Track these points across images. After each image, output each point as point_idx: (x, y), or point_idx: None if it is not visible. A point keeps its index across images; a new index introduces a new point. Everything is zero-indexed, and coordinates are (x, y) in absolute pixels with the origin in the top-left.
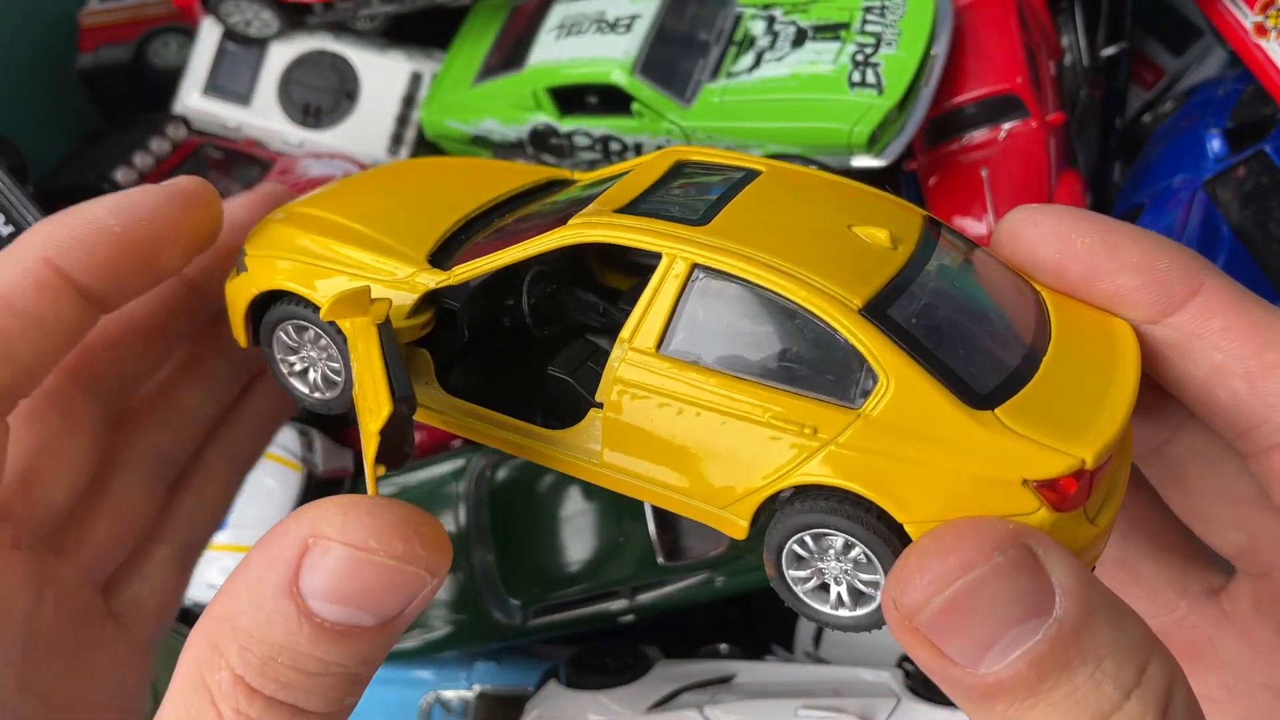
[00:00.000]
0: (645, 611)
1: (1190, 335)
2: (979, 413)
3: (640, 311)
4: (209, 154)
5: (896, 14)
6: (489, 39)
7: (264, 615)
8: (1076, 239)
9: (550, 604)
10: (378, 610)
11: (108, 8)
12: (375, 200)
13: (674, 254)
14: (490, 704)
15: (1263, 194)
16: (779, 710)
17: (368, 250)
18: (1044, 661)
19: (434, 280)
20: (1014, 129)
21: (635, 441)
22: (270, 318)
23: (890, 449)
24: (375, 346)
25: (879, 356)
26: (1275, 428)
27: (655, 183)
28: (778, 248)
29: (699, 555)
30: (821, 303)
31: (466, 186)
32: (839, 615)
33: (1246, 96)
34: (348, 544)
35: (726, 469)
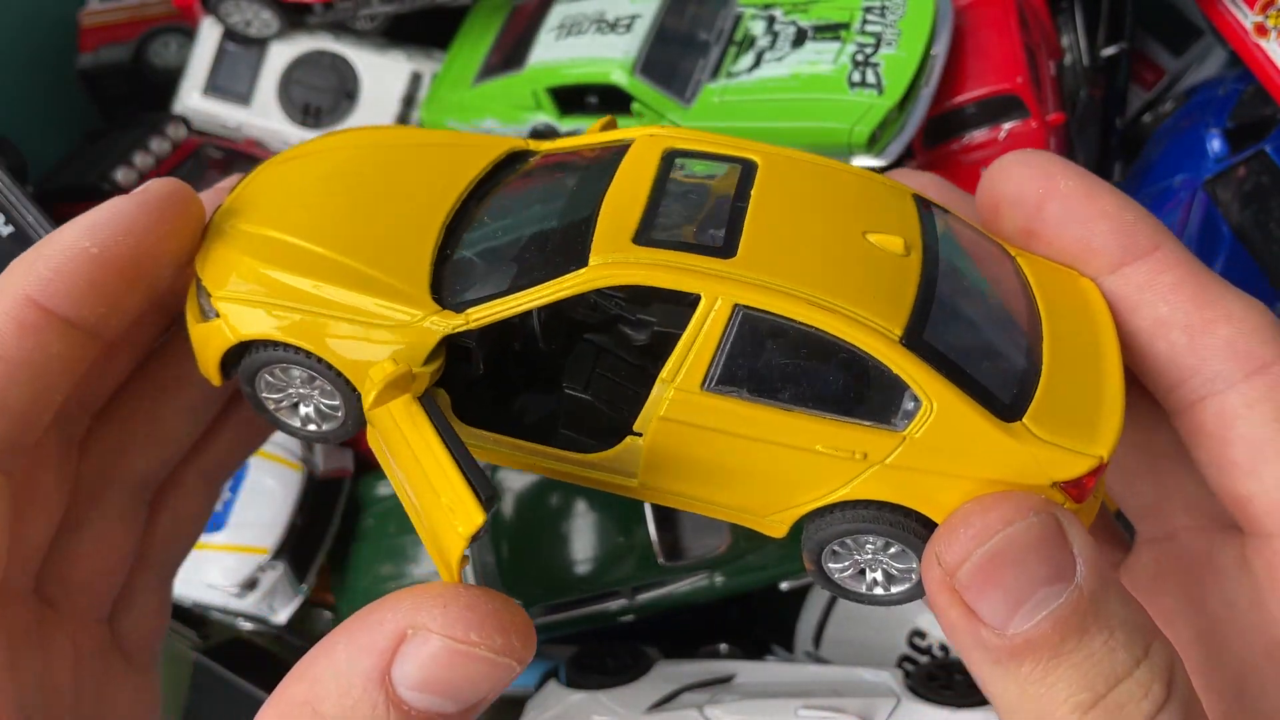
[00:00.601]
0: (645, 611)
1: (1142, 286)
2: (1010, 425)
3: (682, 353)
4: (209, 154)
5: (896, 14)
6: (489, 39)
7: (350, 702)
8: (1060, 180)
9: (550, 604)
10: (464, 699)
11: (108, 8)
12: (328, 207)
13: (716, 295)
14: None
15: (1263, 194)
16: (779, 710)
17: (360, 290)
18: (1066, 624)
19: (450, 325)
20: (1014, 129)
21: (678, 468)
22: (254, 361)
23: (933, 465)
24: (430, 434)
25: (921, 383)
26: (1205, 380)
27: (654, 186)
28: (810, 276)
29: (699, 555)
30: (865, 337)
31: (422, 176)
32: (875, 594)
33: (1246, 96)
34: (449, 637)
35: (773, 489)
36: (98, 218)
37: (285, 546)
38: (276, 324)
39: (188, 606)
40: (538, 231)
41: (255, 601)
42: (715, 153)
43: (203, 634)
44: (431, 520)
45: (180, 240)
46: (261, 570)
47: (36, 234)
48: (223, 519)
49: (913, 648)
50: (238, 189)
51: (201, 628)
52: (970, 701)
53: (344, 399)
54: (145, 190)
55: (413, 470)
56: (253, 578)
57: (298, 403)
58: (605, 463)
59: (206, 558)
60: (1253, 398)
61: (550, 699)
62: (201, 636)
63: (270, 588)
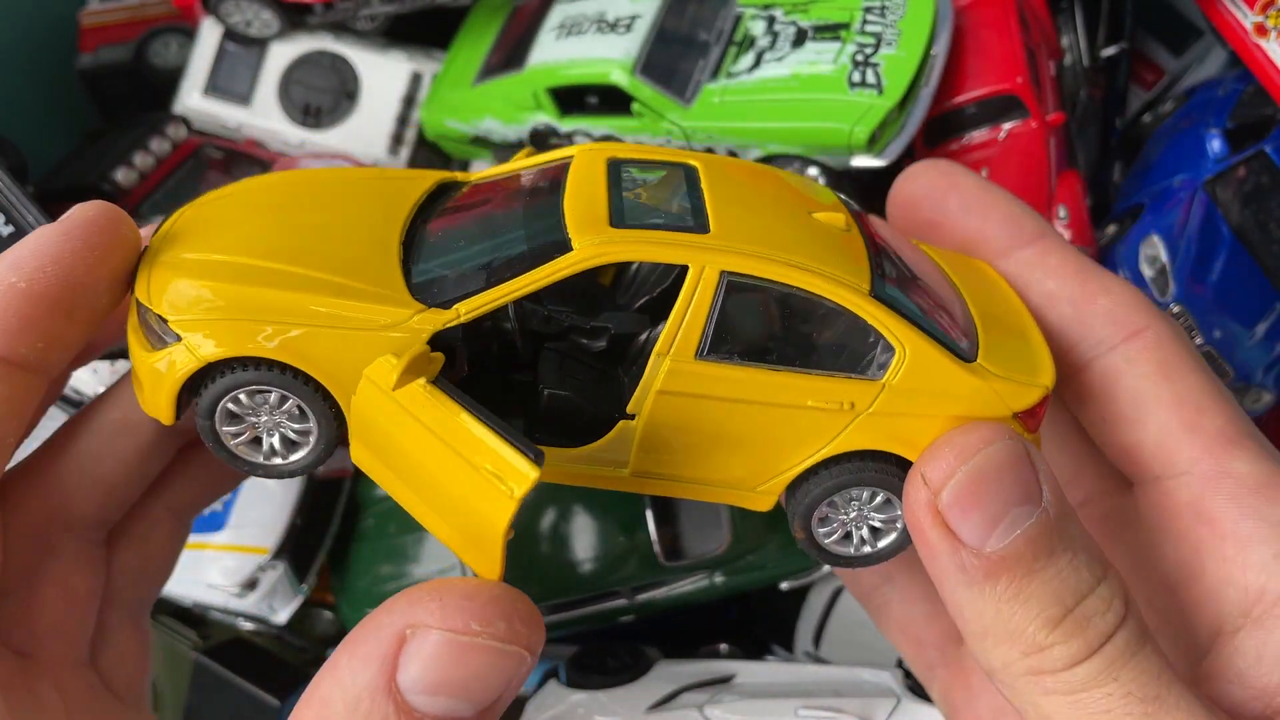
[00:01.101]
0: (645, 611)
1: (1031, 267)
2: (971, 365)
3: (674, 324)
4: (209, 154)
5: (896, 14)
6: (489, 39)
7: (360, 714)
8: (960, 179)
9: (550, 604)
10: (478, 698)
11: (108, 8)
12: (274, 231)
13: (703, 263)
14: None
15: (1263, 194)
16: (779, 710)
17: (340, 297)
18: (1037, 542)
19: (441, 321)
20: (1014, 129)
21: (672, 444)
22: (217, 388)
23: (909, 408)
24: (456, 409)
25: (895, 331)
26: (1090, 345)
27: (608, 185)
28: (780, 244)
29: (699, 555)
30: (841, 291)
31: (359, 203)
32: (864, 553)
33: (1246, 96)
34: (448, 629)
35: (765, 454)
36: (21, 251)
37: (285, 546)
38: (253, 340)
39: (188, 606)
40: (504, 236)
41: (255, 601)
42: (655, 159)
43: (203, 634)
44: (467, 502)
45: (113, 265)
46: (262, 570)
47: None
48: (223, 519)
49: None
50: (161, 229)
51: (201, 628)
52: None
53: (318, 420)
54: (68, 217)
55: (438, 454)
56: (253, 578)
57: (259, 436)
58: (597, 453)
59: (206, 558)
60: (1132, 355)
61: (550, 699)
62: (201, 636)
63: (270, 588)
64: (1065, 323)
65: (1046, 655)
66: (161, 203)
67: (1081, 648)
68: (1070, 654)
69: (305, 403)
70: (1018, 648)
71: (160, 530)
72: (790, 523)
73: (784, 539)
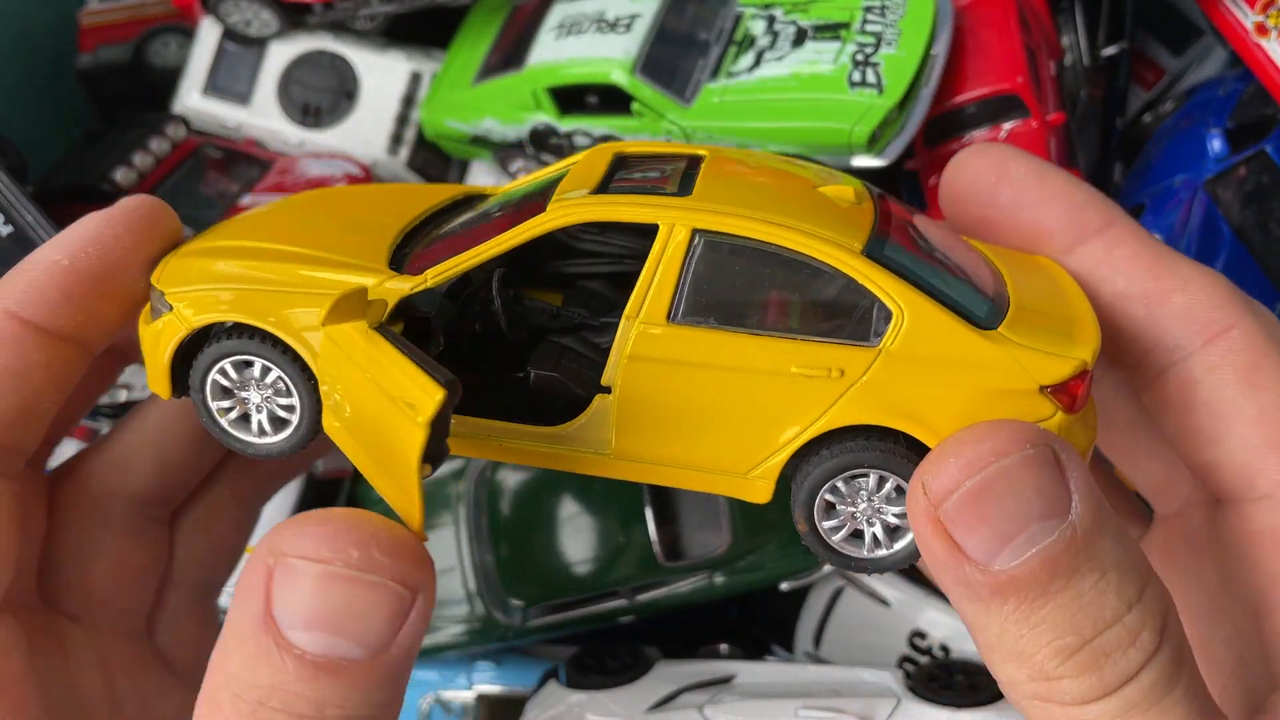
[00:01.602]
0: (645, 611)
1: (1099, 263)
2: (987, 331)
3: (644, 286)
4: (208, 154)
5: (897, 14)
6: (489, 39)
7: (248, 655)
8: (1012, 168)
9: (550, 604)
10: (360, 637)
11: (107, 8)
12: (291, 226)
13: (671, 221)
14: (490, 704)
15: (1263, 194)
16: (779, 710)
17: (321, 268)
18: (1056, 562)
19: (408, 285)
20: (1014, 129)
21: (651, 419)
22: (204, 358)
23: (913, 378)
24: (385, 345)
25: (890, 291)
26: (1166, 350)
27: (606, 172)
28: (766, 207)
29: (699, 555)
30: (826, 248)
31: (380, 208)
32: (877, 556)
33: (1247, 96)
34: (303, 557)
35: (752, 430)
36: (70, 233)
37: None
38: (232, 303)
39: None
40: (494, 219)
41: None
42: (663, 152)
43: None
44: (388, 439)
45: (151, 250)
46: None
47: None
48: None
49: (913, 648)
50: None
51: None
52: (970, 701)
53: (300, 395)
54: (119, 204)
55: (364, 391)
56: None
57: (248, 414)
58: (575, 432)
59: None
60: (1212, 363)
61: (550, 699)
62: None
63: None
64: (1138, 325)
65: (1055, 686)
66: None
67: (1095, 685)
68: (1082, 690)
69: (284, 372)
70: (1024, 671)
71: (225, 516)
72: (793, 513)
73: (784, 540)
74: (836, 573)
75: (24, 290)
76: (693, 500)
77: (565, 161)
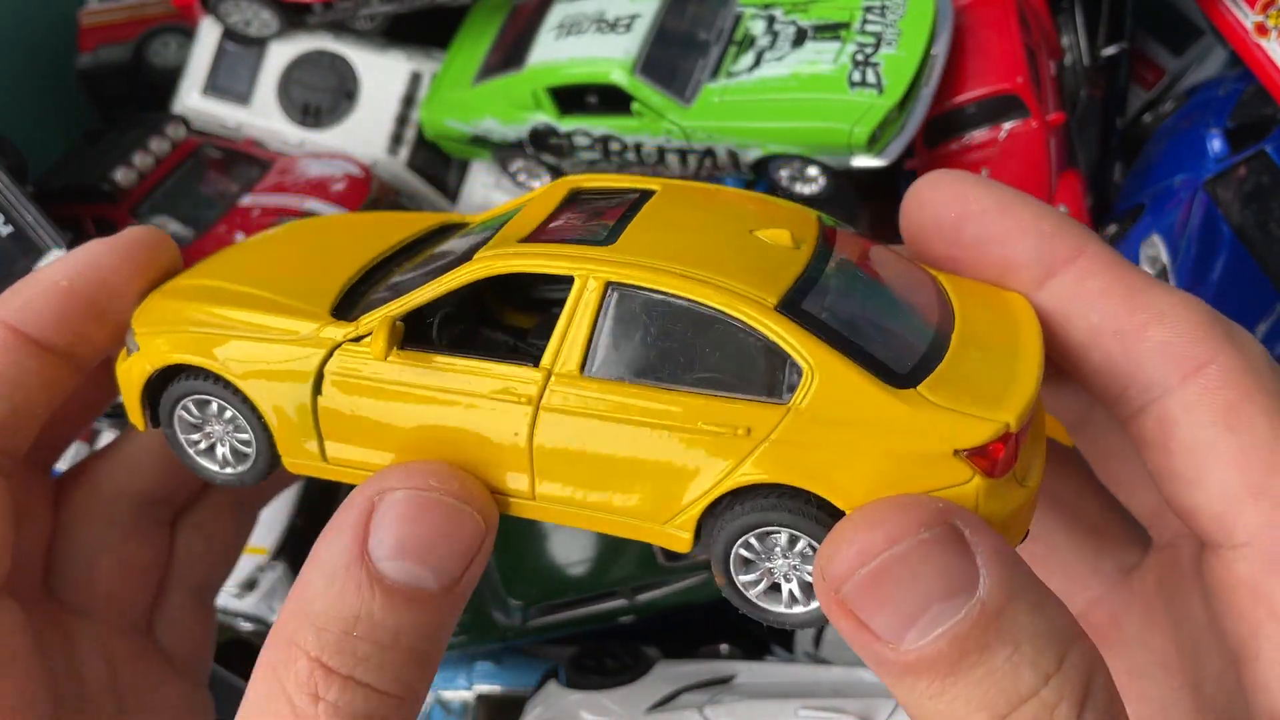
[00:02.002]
0: (645, 611)
1: (1070, 297)
2: (902, 391)
3: (559, 338)
4: (208, 154)
5: (897, 14)
6: (489, 38)
7: (337, 590)
8: (973, 201)
9: (550, 604)
10: (440, 564)
11: (107, 8)
12: (263, 263)
13: (586, 274)
14: (490, 704)
15: (1263, 194)
16: (779, 710)
17: (264, 311)
18: (964, 641)
19: (341, 334)
20: (1014, 129)
21: (567, 469)
22: (169, 395)
23: (822, 438)
24: (450, 357)
25: (801, 349)
26: (1143, 388)
27: (553, 213)
28: (685, 257)
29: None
30: (737, 304)
31: (357, 241)
32: (794, 613)
33: (1247, 96)
34: (411, 487)
35: (664, 483)
36: (73, 256)
37: (285, 547)
38: (182, 347)
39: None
40: (443, 261)
41: (255, 602)
42: (618, 187)
43: None
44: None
45: (145, 280)
46: (261, 571)
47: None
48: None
49: None
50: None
51: None
52: None
53: (253, 432)
54: (122, 233)
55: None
56: (252, 578)
57: (214, 444)
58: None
59: None
60: (1189, 402)
61: (550, 699)
62: None
63: (270, 588)
64: (1114, 362)
65: None
66: (161, 202)
67: None
68: None
69: (237, 410)
70: None
71: (224, 517)
72: (711, 565)
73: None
74: None
75: (21, 306)
76: None
77: (524, 197)
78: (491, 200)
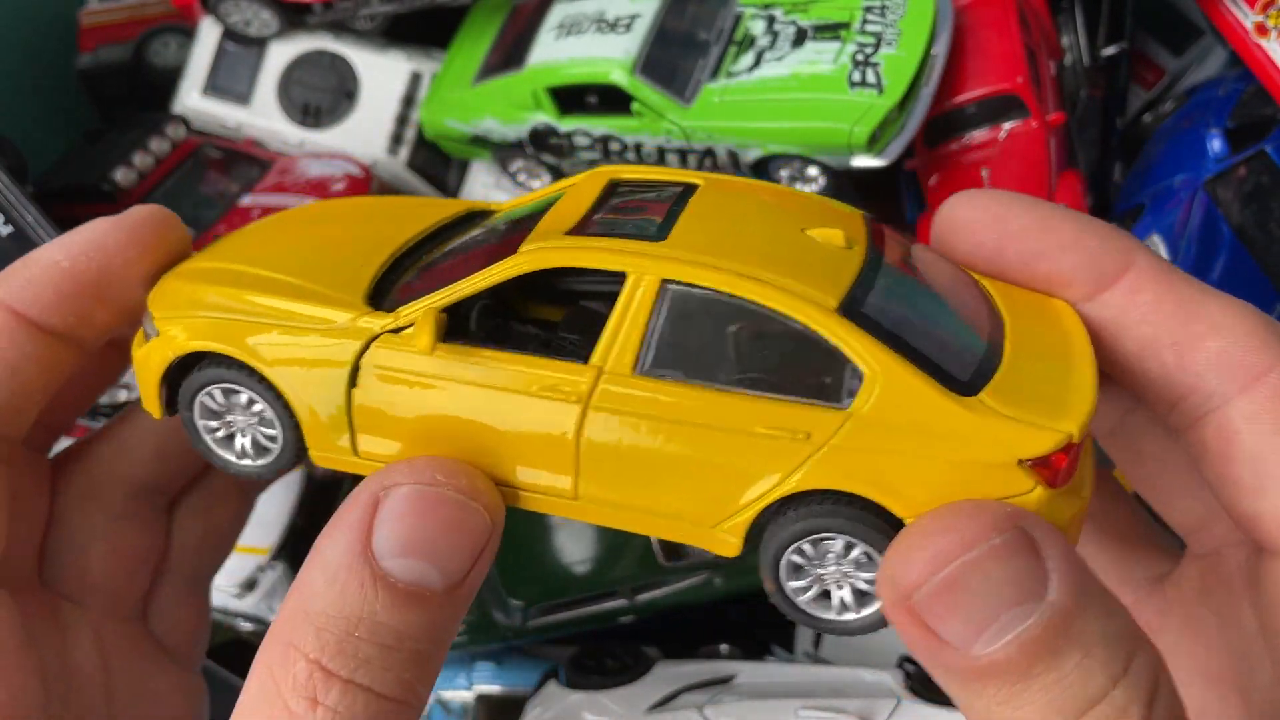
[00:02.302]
0: (645, 611)
1: (1122, 310)
2: (966, 399)
3: (609, 335)
4: (208, 154)
5: (897, 14)
6: (489, 38)
7: (339, 588)
8: (1012, 221)
9: (550, 604)
10: (446, 562)
11: (107, 7)
12: (284, 247)
13: (640, 271)
14: (490, 704)
15: (1263, 194)
16: (779, 711)
17: (295, 299)
18: (1035, 646)
19: (379, 324)
20: (1014, 129)
21: (615, 469)
22: (191, 383)
23: (884, 445)
24: (499, 354)
25: (863, 353)
26: (1202, 398)
27: (594, 204)
28: (741, 255)
29: (699, 555)
30: (798, 305)
31: (382, 225)
32: (845, 620)
33: (1247, 96)
34: (416, 482)
35: (717, 486)
36: (74, 235)
37: (285, 547)
38: (208, 334)
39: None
40: (479, 248)
41: (255, 602)
42: (659, 179)
43: None
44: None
45: (152, 262)
46: (261, 571)
47: (36, 234)
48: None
49: None
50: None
51: None
52: None
53: (281, 425)
54: (126, 212)
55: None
56: (252, 578)
57: (234, 434)
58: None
59: None
60: (1251, 411)
61: (550, 699)
62: None
63: (270, 588)
64: (1170, 373)
65: None
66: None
67: None
68: None
69: (265, 402)
70: None
71: (222, 505)
72: (760, 573)
73: None
74: None
75: (21, 286)
76: None
77: (562, 184)
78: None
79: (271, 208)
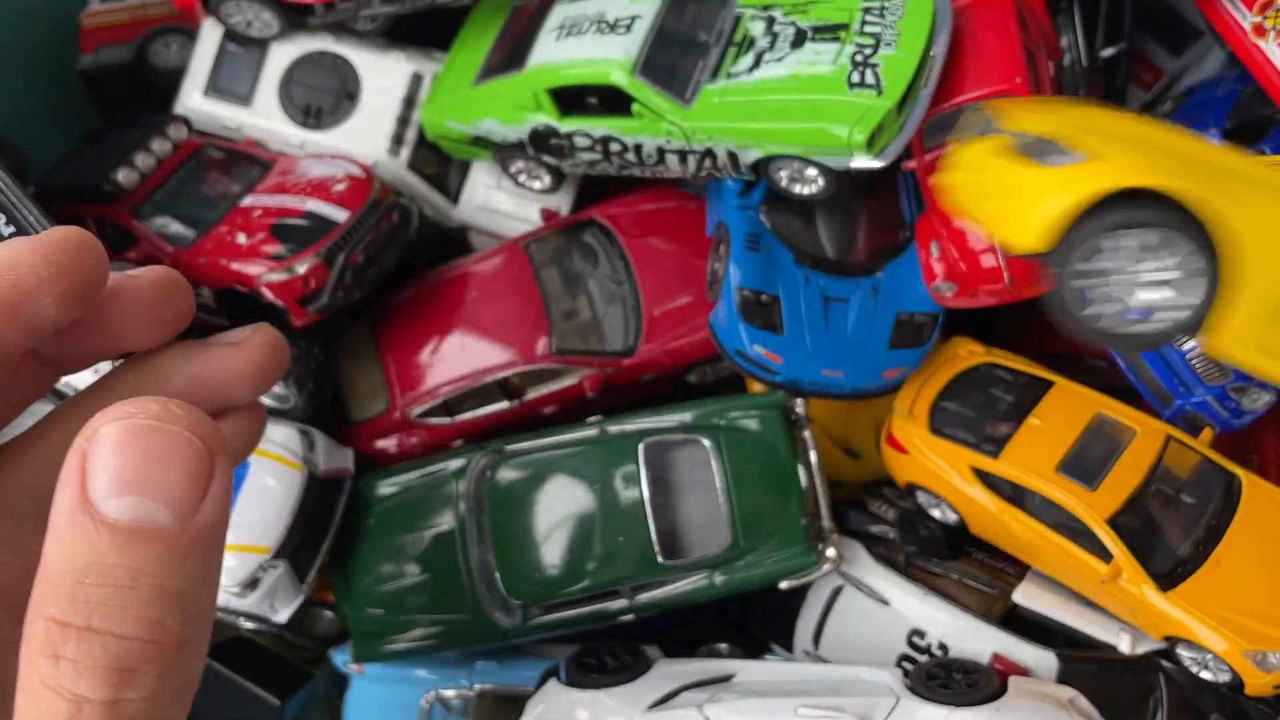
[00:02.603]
0: (645, 611)
1: None
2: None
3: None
4: (210, 154)
5: (896, 15)
6: (489, 39)
7: (66, 544)
8: None
9: (550, 603)
10: (164, 494)
11: (108, 8)
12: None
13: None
14: (490, 703)
15: None
16: (778, 709)
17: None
18: None
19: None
20: None
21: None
22: (1099, 223)
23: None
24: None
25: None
26: None
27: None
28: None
29: (699, 555)
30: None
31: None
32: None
33: (1245, 97)
34: (114, 420)
35: None
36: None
37: (286, 546)
38: (1169, 173)
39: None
40: None
41: (256, 601)
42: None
43: None
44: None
45: (66, 284)
46: (263, 570)
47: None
48: None
49: (912, 647)
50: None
51: None
52: (968, 700)
53: (1185, 273)
54: (42, 234)
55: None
56: (254, 577)
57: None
58: None
59: None
60: None
61: (551, 697)
62: None
63: (271, 587)
64: None
65: None
66: (162, 203)
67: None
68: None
69: (1171, 249)
70: None
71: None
72: None
73: (783, 539)
74: (835, 572)
75: None
76: (693, 499)
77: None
78: (492, 200)
79: (273, 208)
